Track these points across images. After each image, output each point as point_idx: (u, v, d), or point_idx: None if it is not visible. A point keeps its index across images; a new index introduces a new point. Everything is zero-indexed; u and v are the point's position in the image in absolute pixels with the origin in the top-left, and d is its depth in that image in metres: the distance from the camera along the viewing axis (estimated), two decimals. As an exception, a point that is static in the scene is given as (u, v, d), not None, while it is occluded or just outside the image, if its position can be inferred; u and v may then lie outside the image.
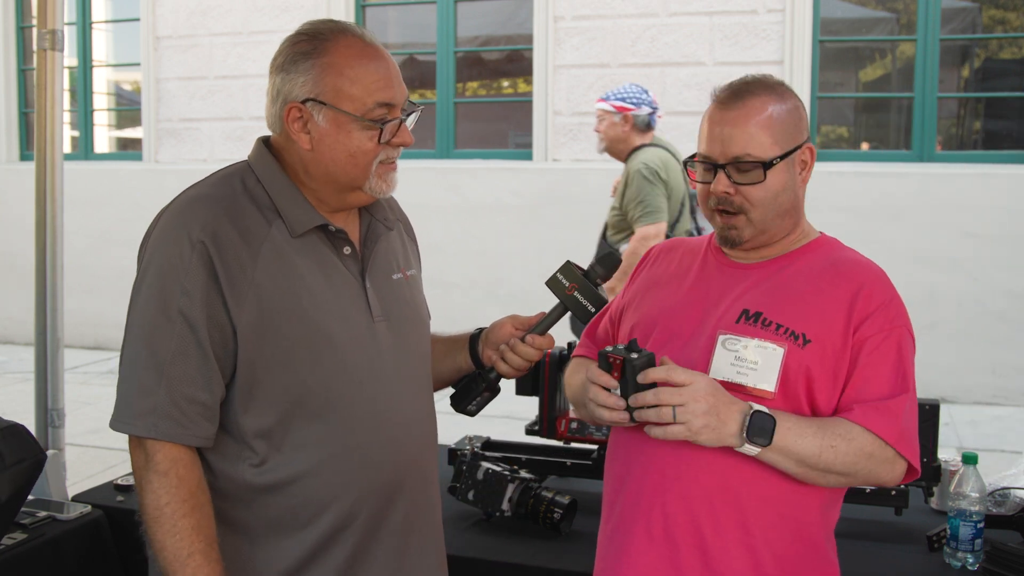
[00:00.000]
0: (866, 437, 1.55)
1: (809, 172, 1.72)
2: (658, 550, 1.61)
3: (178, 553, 1.46)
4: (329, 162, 1.56)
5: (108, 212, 7.85)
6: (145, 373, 1.49)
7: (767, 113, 1.64)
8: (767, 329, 1.61)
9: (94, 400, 6.11)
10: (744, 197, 1.65)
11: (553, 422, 2.53)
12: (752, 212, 1.65)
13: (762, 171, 1.63)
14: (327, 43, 1.55)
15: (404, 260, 1.76)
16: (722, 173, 1.65)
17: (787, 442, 1.52)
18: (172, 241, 1.50)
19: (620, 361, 1.52)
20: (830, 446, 1.53)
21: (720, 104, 1.68)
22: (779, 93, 1.68)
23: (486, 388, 1.78)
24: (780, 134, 1.65)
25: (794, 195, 1.69)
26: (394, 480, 1.62)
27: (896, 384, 1.59)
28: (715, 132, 1.66)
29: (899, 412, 1.57)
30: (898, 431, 1.57)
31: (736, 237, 1.68)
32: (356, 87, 1.53)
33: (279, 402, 1.53)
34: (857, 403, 1.58)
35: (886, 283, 1.66)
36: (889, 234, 6.15)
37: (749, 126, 1.63)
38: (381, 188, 1.60)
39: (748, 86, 1.67)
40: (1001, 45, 7.03)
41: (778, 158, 1.64)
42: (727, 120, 1.65)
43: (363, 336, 1.59)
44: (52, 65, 2.67)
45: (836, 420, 1.57)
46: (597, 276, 1.72)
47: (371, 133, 1.55)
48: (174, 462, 1.48)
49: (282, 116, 1.56)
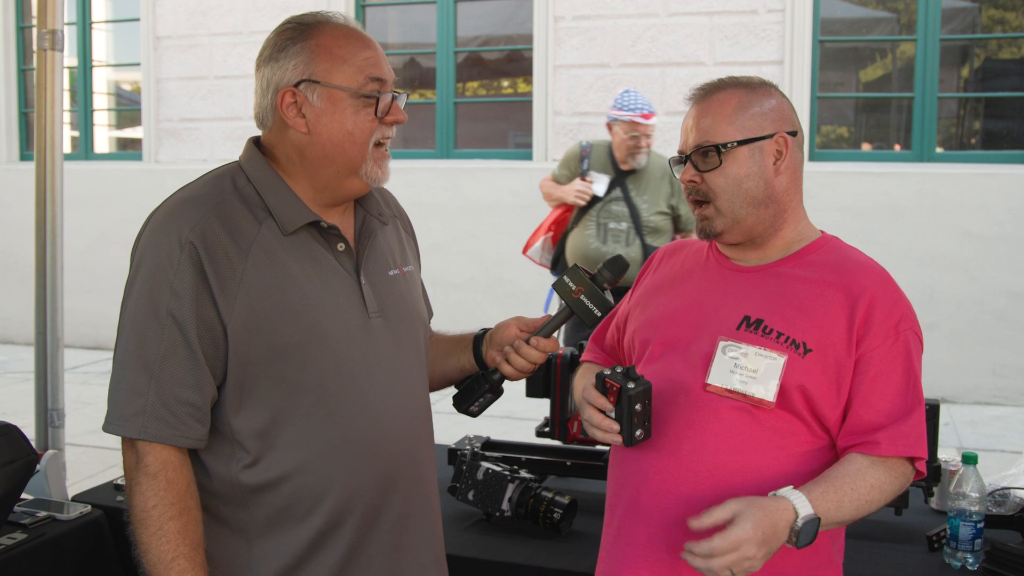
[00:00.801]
0: (892, 475, 1.55)
1: (786, 163, 1.68)
2: (657, 555, 1.61)
3: (162, 556, 1.46)
4: (327, 142, 1.56)
5: (108, 212, 7.85)
6: (135, 374, 1.49)
7: (731, 103, 1.67)
8: (768, 337, 1.60)
9: (94, 400, 6.11)
10: (707, 184, 1.67)
11: (564, 424, 2.53)
12: (717, 200, 1.67)
13: (717, 155, 1.65)
14: (313, 28, 1.57)
15: (401, 256, 1.76)
16: (689, 163, 1.69)
17: (829, 521, 1.51)
18: (161, 242, 1.50)
19: (617, 388, 1.54)
20: (866, 502, 1.53)
21: (692, 101, 1.72)
22: (751, 87, 1.70)
23: (489, 389, 1.77)
24: (742, 121, 1.66)
25: (764, 184, 1.67)
26: (389, 476, 1.61)
27: (909, 396, 1.58)
28: (685, 126, 1.71)
29: (922, 427, 1.57)
30: (923, 444, 1.57)
31: (709, 228, 1.69)
32: (348, 64, 1.55)
33: (272, 400, 1.53)
34: (880, 430, 1.56)
35: (889, 285, 1.64)
36: (889, 234, 6.15)
37: (710, 116, 1.67)
38: (376, 174, 1.60)
39: (720, 82, 1.71)
40: (1001, 45, 7.03)
41: (735, 142, 1.65)
42: (692, 113, 1.70)
43: (358, 332, 1.59)
44: (52, 65, 2.67)
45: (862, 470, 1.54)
46: (604, 280, 1.72)
47: (367, 108, 1.56)
48: (164, 464, 1.48)
49: (275, 104, 1.57)
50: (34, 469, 2.17)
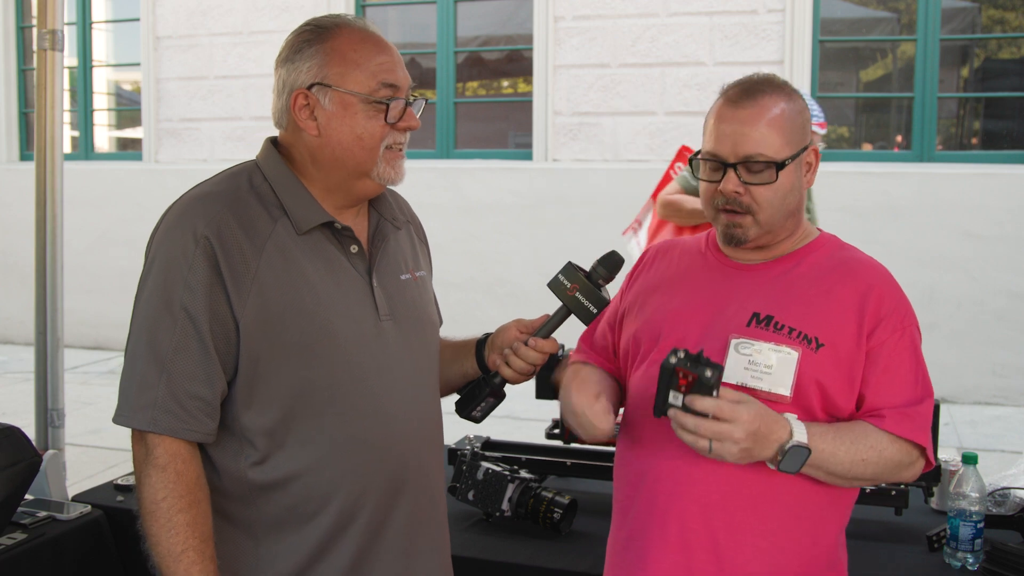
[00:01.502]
0: (896, 446, 1.56)
1: (813, 174, 1.71)
2: (673, 556, 1.60)
3: (172, 548, 1.46)
4: (336, 145, 1.56)
5: (108, 212, 7.85)
6: (146, 367, 1.49)
7: (778, 112, 1.62)
8: (779, 333, 1.59)
9: (94, 400, 6.12)
10: (753, 197, 1.62)
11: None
12: (760, 213, 1.63)
13: (775, 171, 1.61)
14: (331, 31, 1.57)
15: (413, 261, 1.76)
16: (732, 172, 1.62)
17: (820, 460, 1.52)
18: (177, 237, 1.51)
19: (694, 378, 1.45)
20: (861, 459, 1.53)
21: (730, 102, 1.64)
22: (787, 93, 1.66)
23: (490, 393, 1.75)
24: (790, 134, 1.63)
25: (800, 196, 1.68)
26: (398, 478, 1.61)
27: (919, 386, 1.60)
28: (725, 130, 1.62)
29: (928, 416, 1.59)
30: (928, 436, 1.58)
31: (741, 235, 1.66)
32: (361, 69, 1.55)
33: (282, 398, 1.53)
34: (888, 408, 1.57)
35: (893, 283, 1.65)
36: (889, 234, 6.15)
37: (761, 125, 1.60)
38: (389, 175, 1.60)
39: (759, 84, 1.65)
40: (1001, 45, 7.03)
41: (790, 159, 1.62)
42: (738, 118, 1.62)
43: (368, 334, 1.59)
44: (52, 65, 2.67)
45: (866, 430, 1.56)
46: (599, 277, 1.71)
47: (378, 114, 1.55)
48: (173, 457, 1.48)
49: (288, 106, 1.57)
50: (37, 471, 2.17)
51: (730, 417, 1.43)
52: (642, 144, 6.83)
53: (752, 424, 1.44)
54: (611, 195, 6.72)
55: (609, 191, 6.76)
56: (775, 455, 1.48)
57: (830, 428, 1.54)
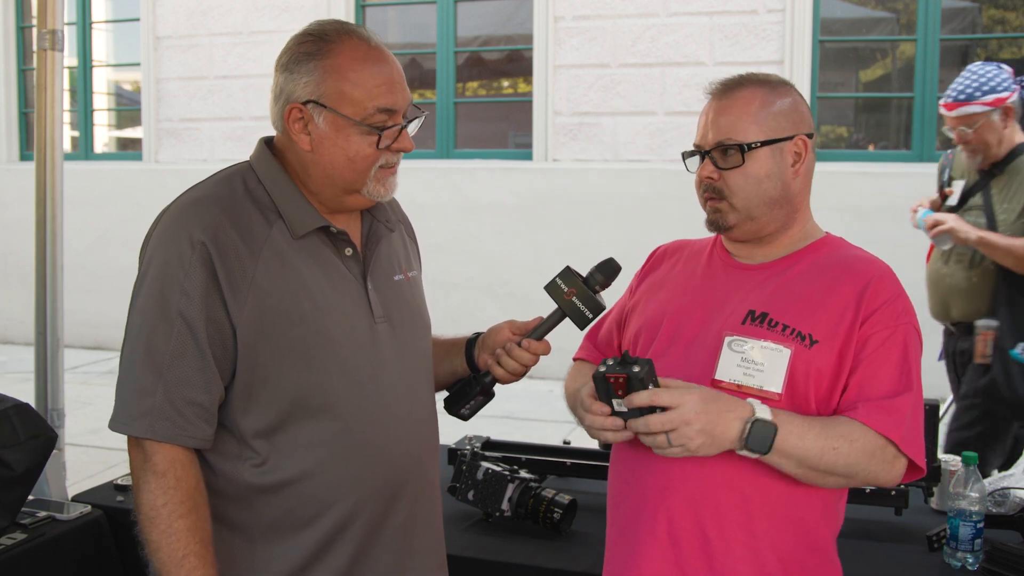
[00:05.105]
0: (868, 437, 1.54)
1: (804, 165, 1.70)
2: (662, 553, 1.61)
3: (173, 554, 1.46)
4: (328, 165, 1.56)
5: (108, 212, 7.85)
6: (143, 374, 1.49)
7: (754, 102, 1.66)
8: (773, 330, 1.60)
9: (94, 400, 6.12)
10: (725, 182, 1.66)
11: None
12: (733, 198, 1.66)
13: (740, 154, 1.64)
14: (332, 44, 1.54)
15: (406, 261, 1.76)
16: (708, 159, 1.68)
17: (788, 445, 1.50)
18: (172, 242, 1.50)
19: (624, 379, 1.47)
20: (832, 448, 1.52)
21: (712, 96, 1.71)
22: (772, 86, 1.69)
23: (480, 392, 1.77)
24: (765, 121, 1.66)
25: (782, 185, 1.67)
26: (395, 481, 1.62)
27: (900, 382, 1.57)
28: (704, 121, 1.70)
29: (904, 410, 1.56)
30: (903, 430, 1.55)
31: (721, 220, 1.69)
32: (357, 91, 1.53)
33: (279, 402, 1.53)
34: (861, 401, 1.56)
35: (893, 280, 1.65)
36: (889, 234, 6.14)
37: (732, 113, 1.66)
38: (379, 192, 1.60)
39: (742, 79, 1.70)
40: (1001, 45, 7.03)
41: (759, 143, 1.64)
42: (714, 109, 1.69)
43: (364, 337, 1.59)
44: (52, 65, 2.67)
45: (838, 420, 1.56)
46: (596, 283, 1.73)
47: (370, 139, 1.55)
48: (172, 463, 1.48)
49: (283, 116, 1.57)
50: (53, 446, 2.23)
51: (671, 402, 1.45)
52: (642, 144, 6.83)
53: (698, 404, 1.46)
54: (611, 195, 6.72)
55: (609, 191, 6.76)
56: (741, 434, 1.48)
57: (799, 416, 1.54)
